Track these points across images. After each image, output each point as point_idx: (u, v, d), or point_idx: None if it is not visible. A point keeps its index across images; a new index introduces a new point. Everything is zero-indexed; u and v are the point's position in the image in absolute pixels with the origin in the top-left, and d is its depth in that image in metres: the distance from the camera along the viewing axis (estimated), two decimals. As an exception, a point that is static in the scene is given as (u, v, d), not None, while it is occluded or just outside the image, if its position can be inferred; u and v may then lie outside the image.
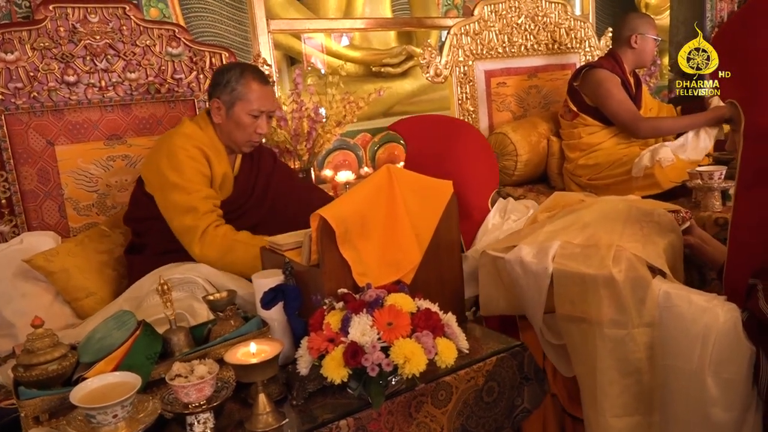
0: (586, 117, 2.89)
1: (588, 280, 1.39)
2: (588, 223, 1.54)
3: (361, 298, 1.32)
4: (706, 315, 1.28)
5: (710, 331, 1.26)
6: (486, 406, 1.44)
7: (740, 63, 1.31)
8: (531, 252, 1.50)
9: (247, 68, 2.06)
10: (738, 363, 1.25)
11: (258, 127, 2.00)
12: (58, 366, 1.23)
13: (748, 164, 1.32)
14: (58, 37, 2.19)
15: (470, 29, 3.08)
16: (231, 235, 1.88)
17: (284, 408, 1.29)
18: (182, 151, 1.91)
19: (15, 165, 2.16)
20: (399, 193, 1.48)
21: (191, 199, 1.87)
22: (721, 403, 1.26)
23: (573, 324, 1.44)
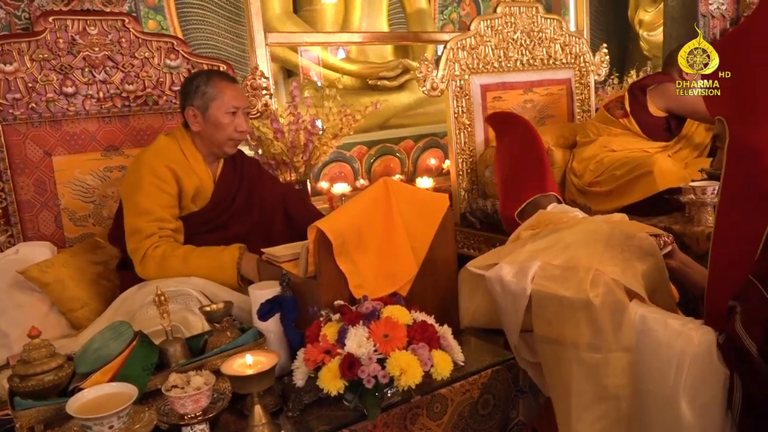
0: (632, 121, 2.95)
1: (565, 303, 1.39)
2: (569, 244, 1.54)
3: (357, 310, 1.32)
4: (680, 339, 1.27)
5: (685, 356, 1.25)
6: (481, 419, 1.44)
7: (728, 81, 1.31)
8: (511, 271, 1.50)
9: (212, 72, 2.12)
10: (712, 387, 1.24)
11: (237, 125, 2.01)
12: (54, 376, 1.23)
13: (730, 182, 1.31)
14: (57, 49, 2.20)
15: (466, 44, 3.11)
16: (169, 254, 1.88)
17: (280, 419, 1.29)
18: (146, 167, 1.94)
19: (12, 175, 2.16)
20: (395, 205, 1.49)
21: (138, 221, 1.90)
22: (696, 428, 1.25)
23: (549, 345, 1.44)
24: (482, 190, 3.20)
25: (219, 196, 2.07)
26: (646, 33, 5.17)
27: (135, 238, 1.90)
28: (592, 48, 3.63)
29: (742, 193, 1.28)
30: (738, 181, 1.29)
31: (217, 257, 1.90)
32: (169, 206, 1.96)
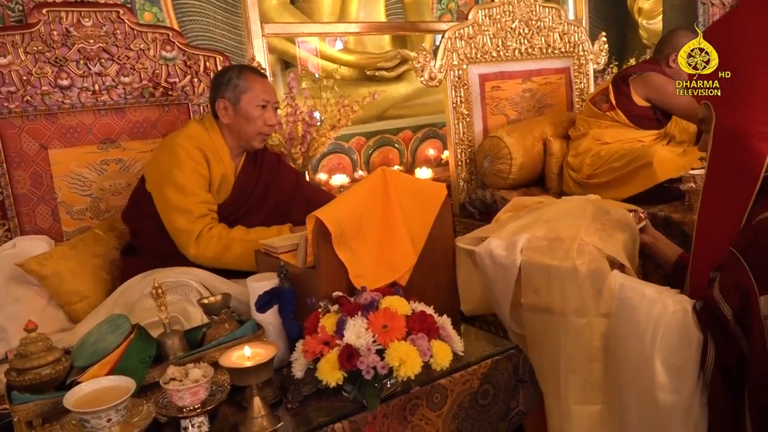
0: (619, 113, 2.92)
1: (553, 272, 1.46)
2: (550, 220, 1.61)
3: (356, 300, 1.32)
4: (656, 306, 1.34)
5: (660, 321, 1.33)
6: (481, 409, 1.44)
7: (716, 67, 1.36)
8: (501, 245, 1.56)
9: (244, 66, 2.15)
10: (685, 351, 1.31)
11: (267, 119, 2.03)
12: (51, 370, 1.22)
13: (715, 164, 1.37)
14: (51, 41, 2.18)
15: (464, 33, 3.08)
16: (225, 234, 1.90)
17: (279, 411, 1.28)
18: (184, 151, 1.94)
19: (8, 169, 2.15)
20: (394, 195, 1.49)
21: (187, 201, 1.89)
22: (668, 388, 1.32)
23: (537, 314, 1.50)
24: (481, 180, 3.19)
25: (239, 190, 2.07)
26: (645, 21, 5.14)
27: (185, 217, 1.88)
28: (590, 36, 3.61)
29: (727, 175, 1.35)
30: (723, 164, 1.35)
31: (278, 235, 1.87)
32: (206, 189, 1.97)
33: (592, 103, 3.06)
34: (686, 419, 1.33)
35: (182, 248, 1.89)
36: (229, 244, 1.87)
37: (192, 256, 1.88)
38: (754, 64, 1.31)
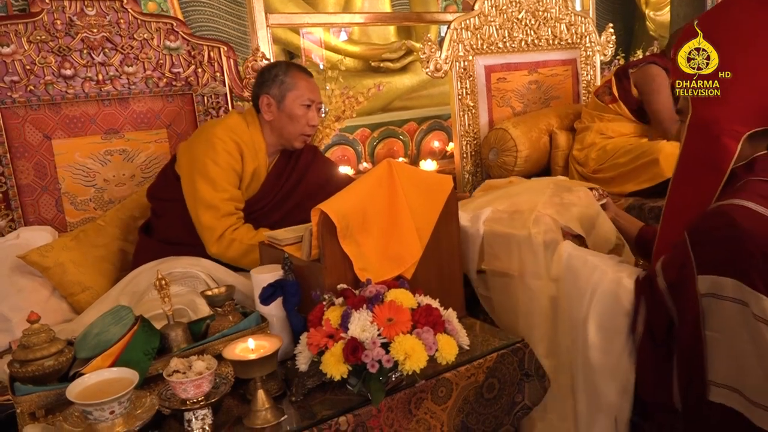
0: (622, 105, 2.90)
1: (512, 240, 1.64)
2: (514, 195, 1.80)
3: (361, 293, 1.30)
4: (596, 272, 1.51)
5: (597, 287, 1.49)
6: (486, 403, 1.43)
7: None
8: (466, 217, 1.74)
9: (291, 63, 2.12)
10: (617, 315, 1.45)
11: (310, 119, 2.01)
12: (54, 362, 1.21)
13: (686, 155, 1.47)
14: (54, 30, 2.17)
15: (470, 24, 3.06)
16: (248, 239, 1.87)
17: (283, 404, 1.28)
18: (220, 142, 1.92)
19: (11, 159, 2.14)
20: (400, 187, 1.47)
21: (215, 197, 1.88)
22: (599, 348, 1.47)
23: (500, 278, 1.68)
24: (486, 173, 3.17)
25: (267, 187, 2.05)
26: (652, 12, 5.09)
27: (211, 213, 1.87)
28: (597, 28, 3.57)
29: (697, 166, 1.45)
30: (694, 155, 1.45)
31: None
32: (237, 185, 1.95)
33: (596, 95, 3.03)
34: (613, 379, 1.46)
35: (205, 244, 1.89)
36: (251, 249, 1.84)
37: (213, 254, 1.88)
38: (733, 65, 1.37)
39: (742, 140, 1.38)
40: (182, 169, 1.95)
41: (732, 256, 1.29)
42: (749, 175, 1.40)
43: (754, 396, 1.29)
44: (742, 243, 1.27)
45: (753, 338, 1.28)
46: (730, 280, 1.29)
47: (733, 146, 1.37)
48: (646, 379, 1.44)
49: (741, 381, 1.31)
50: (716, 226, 1.33)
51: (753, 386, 1.29)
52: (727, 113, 1.39)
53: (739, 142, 1.38)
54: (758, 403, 1.29)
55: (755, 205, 1.31)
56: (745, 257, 1.27)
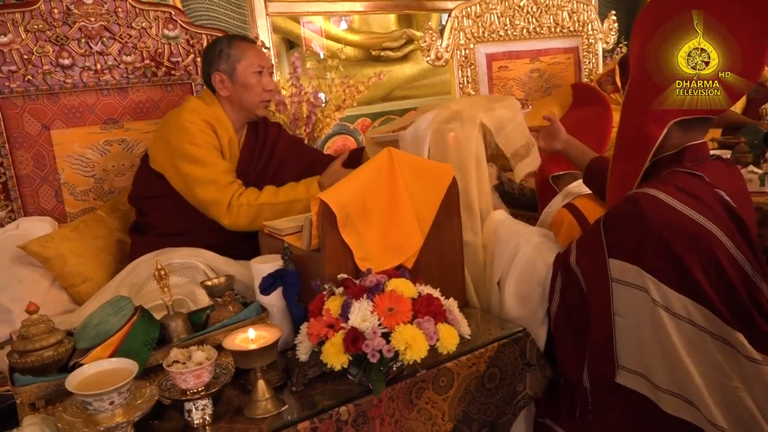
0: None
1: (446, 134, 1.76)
2: (455, 107, 1.89)
3: (361, 283, 1.30)
4: (519, 238, 1.61)
5: (517, 253, 1.59)
6: (488, 393, 1.43)
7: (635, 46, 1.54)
8: (415, 126, 1.82)
9: (232, 35, 2.13)
10: (532, 283, 1.54)
11: (265, 84, 2.01)
12: (53, 352, 1.21)
13: (619, 140, 1.55)
14: (52, 19, 2.15)
15: (471, 12, 3.03)
16: (254, 200, 1.88)
17: (284, 394, 1.27)
18: (192, 125, 1.91)
19: (10, 149, 2.13)
20: (400, 176, 1.46)
21: (210, 172, 1.88)
22: (515, 312, 1.57)
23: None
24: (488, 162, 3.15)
25: (244, 163, 2.05)
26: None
27: (213, 187, 1.87)
28: (600, 15, 3.54)
29: (627, 151, 1.51)
30: (625, 140, 1.53)
31: (304, 200, 1.89)
32: (222, 158, 1.96)
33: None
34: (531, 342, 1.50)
35: (216, 219, 1.89)
36: (260, 210, 1.87)
37: (227, 226, 1.88)
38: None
39: (668, 127, 1.40)
40: (162, 165, 1.94)
41: (635, 244, 1.34)
42: (674, 166, 1.43)
43: (659, 381, 1.34)
44: (646, 232, 1.32)
45: (654, 324, 1.32)
46: (632, 266, 1.34)
47: (657, 132, 1.40)
48: (558, 354, 1.48)
49: (646, 366, 1.36)
50: (626, 212, 1.38)
51: (657, 371, 1.34)
52: (652, 97, 1.41)
53: (665, 129, 1.40)
54: (662, 388, 1.34)
55: (667, 197, 1.34)
56: (646, 245, 1.32)
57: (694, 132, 1.44)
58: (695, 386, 1.30)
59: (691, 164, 1.42)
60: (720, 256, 1.31)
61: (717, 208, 1.36)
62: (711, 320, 1.30)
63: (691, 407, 1.31)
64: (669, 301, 1.30)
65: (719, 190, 1.38)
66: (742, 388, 1.29)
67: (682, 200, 1.34)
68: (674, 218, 1.32)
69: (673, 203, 1.33)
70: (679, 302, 1.30)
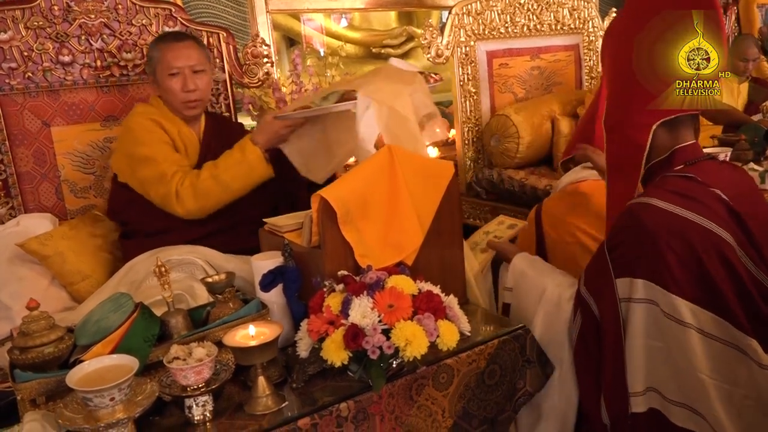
0: None
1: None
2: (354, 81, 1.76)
3: (361, 280, 1.30)
4: (546, 278, 1.57)
5: (543, 294, 1.54)
6: (488, 389, 1.43)
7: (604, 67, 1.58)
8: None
9: (160, 36, 2.12)
10: (560, 323, 1.50)
11: (184, 85, 1.95)
12: (54, 348, 1.21)
13: (609, 155, 1.53)
14: (52, 16, 2.15)
15: (472, 9, 3.03)
16: (196, 180, 1.86)
17: (284, 391, 1.27)
18: (138, 126, 1.94)
19: (10, 146, 2.13)
20: (401, 173, 1.46)
21: (157, 167, 1.87)
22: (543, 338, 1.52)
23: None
24: (488, 160, 3.16)
25: (205, 153, 2.02)
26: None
27: (161, 182, 1.86)
28: (600, 13, 3.54)
29: (619, 164, 1.49)
30: (615, 154, 1.50)
31: (243, 161, 1.87)
32: (173, 151, 1.95)
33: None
34: (561, 390, 1.48)
35: (172, 212, 1.88)
36: (206, 188, 1.85)
37: (182, 215, 1.87)
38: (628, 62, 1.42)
39: (652, 131, 1.38)
40: (125, 175, 1.95)
41: (640, 256, 1.31)
42: (665, 171, 1.41)
43: (669, 393, 1.31)
44: (649, 242, 1.29)
45: (663, 336, 1.30)
46: (640, 280, 1.30)
47: (643, 139, 1.39)
48: (580, 391, 1.45)
49: (656, 380, 1.33)
50: (622, 226, 1.36)
51: (665, 383, 1.31)
52: (634, 106, 1.41)
53: (650, 134, 1.39)
54: (672, 400, 1.31)
55: (661, 202, 1.31)
56: (651, 256, 1.29)
57: (681, 133, 1.42)
58: (704, 395, 1.26)
59: (683, 167, 1.40)
60: (728, 255, 1.28)
61: (715, 207, 1.32)
62: (721, 326, 1.27)
63: (696, 416, 1.28)
64: (676, 309, 1.26)
65: (715, 189, 1.34)
66: (750, 396, 1.26)
67: (677, 203, 1.30)
68: (672, 222, 1.29)
69: (668, 207, 1.30)
70: (688, 310, 1.26)
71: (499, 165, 3.06)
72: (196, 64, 1.98)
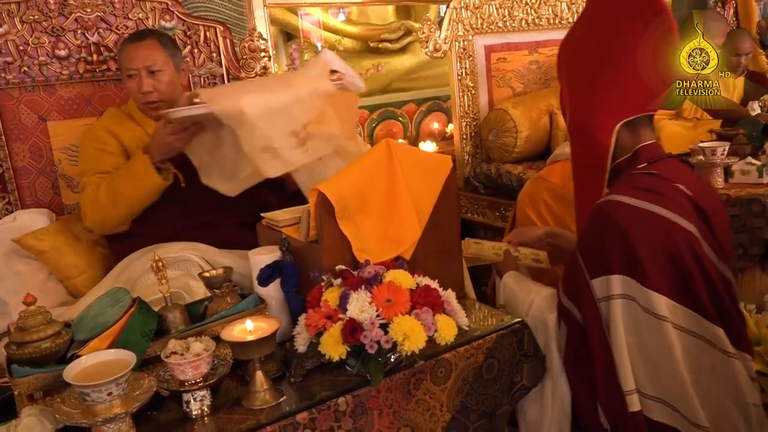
0: None
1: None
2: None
3: (359, 274, 1.30)
4: (533, 294, 1.56)
5: (530, 309, 1.54)
6: (486, 383, 1.43)
7: (563, 72, 1.61)
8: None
9: (127, 36, 2.09)
10: (544, 329, 1.50)
11: (140, 86, 1.91)
12: (51, 343, 1.21)
13: (575, 157, 1.56)
14: (48, 10, 2.14)
15: (470, 3, 3.02)
16: (96, 193, 1.85)
17: (282, 385, 1.27)
18: (88, 138, 1.97)
19: (6, 141, 2.12)
20: (399, 167, 1.46)
21: (83, 179, 1.92)
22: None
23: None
24: (486, 154, 3.16)
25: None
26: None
27: (82, 195, 1.90)
28: (599, 7, 3.52)
29: (585, 166, 1.53)
30: (581, 156, 1.54)
31: (132, 171, 1.82)
32: (112, 162, 1.91)
33: None
34: (554, 399, 1.47)
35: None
36: (101, 200, 1.83)
37: (90, 227, 1.90)
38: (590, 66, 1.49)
39: (615, 131, 1.43)
40: None
41: (613, 252, 1.32)
42: (631, 169, 1.44)
43: (644, 389, 1.32)
44: (621, 238, 1.31)
45: (640, 330, 1.31)
46: (616, 276, 1.32)
47: (607, 140, 1.43)
48: (576, 401, 1.44)
49: (636, 374, 1.33)
50: (595, 225, 1.38)
51: (641, 379, 1.32)
52: (597, 109, 1.45)
53: (613, 134, 1.43)
54: (648, 395, 1.32)
55: (630, 199, 1.34)
56: (624, 251, 1.30)
57: (641, 132, 1.46)
58: (680, 388, 1.29)
59: (646, 164, 1.44)
60: (696, 247, 1.31)
61: (681, 201, 1.35)
62: (693, 319, 1.30)
63: (670, 409, 1.31)
64: (652, 303, 1.29)
65: (679, 185, 1.38)
66: (718, 384, 1.30)
67: (645, 198, 1.33)
68: (641, 216, 1.31)
69: (636, 203, 1.32)
70: (663, 304, 1.29)
71: (497, 159, 3.06)
72: (152, 65, 1.91)
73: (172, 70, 1.96)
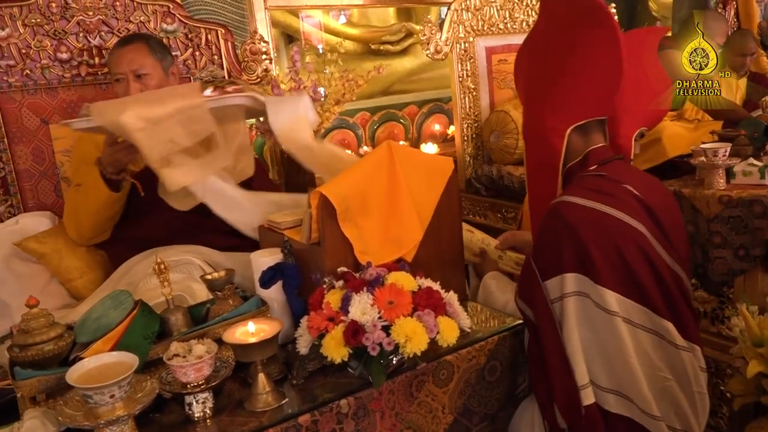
0: None
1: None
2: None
3: (361, 276, 1.30)
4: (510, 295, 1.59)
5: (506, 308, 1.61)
6: (488, 386, 1.43)
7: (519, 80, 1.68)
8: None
9: (117, 41, 2.08)
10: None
11: (128, 91, 1.89)
12: (54, 346, 1.21)
13: (528, 158, 1.63)
14: (50, 13, 2.14)
15: (471, 5, 3.02)
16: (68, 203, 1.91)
17: (284, 387, 1.27)
18: (76, 150, 2.01)
19: (9, 144, 2.13)
20: (400, 169, 1.46)
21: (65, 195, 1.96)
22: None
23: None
24: (488, 156, 3.15)
25: None
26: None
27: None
28: (600, 8, 3.52)
29: (538, 167, 1.58)
30: (534, 158, 1.60)
31: (85, 180, 1.84)
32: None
33: None
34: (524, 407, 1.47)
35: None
36: (70, 210, 1.88)
37: (71, 237, 1.93)
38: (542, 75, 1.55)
39: (566, 136, 1.49)
40: None
41: (566, 251, 1.35)
42: (582, 171, 1.49)
43: (601, 381, 1.34)
44: (573, 236, 1.34)
45: (594, 326, 1.33)
46: (570, 274, 1.34)
47: (558, 144, 1.48)
48: (538, 402, 1.43)
49: (590, 370, 1.35)
50: (548, 226, 1.41)
51: (598, 372, 1.34)
52: (549, 114, 1.51)
53: (564, 139, 1.48)
54: (604, 387, 1.34)
55: (580, 199, 1.38)
56: (576, 249, 1.33)
57: (592, 136, 1.51)
58: (633, 379, 1.31)
59: (596, 167, 1.48)
60: (644, 245, 1.35)
61: (630, 201, 1.40)
62: (643, 314, 1.33)
63: (626, 400, 1.33)
64: (604, 299, 1.31)
65: (627, 186, 1.42)
66: (669, 376, 1.34)
67: (595, 199, 1.37)
68: (592, 216, 1.35)
69: (586, 203, 1.36)
70: (614, 300, 1.31)
71: (499, 161, 3.06)
72: (139, 68, 1.88)
73: (160, 75, 1.93)
